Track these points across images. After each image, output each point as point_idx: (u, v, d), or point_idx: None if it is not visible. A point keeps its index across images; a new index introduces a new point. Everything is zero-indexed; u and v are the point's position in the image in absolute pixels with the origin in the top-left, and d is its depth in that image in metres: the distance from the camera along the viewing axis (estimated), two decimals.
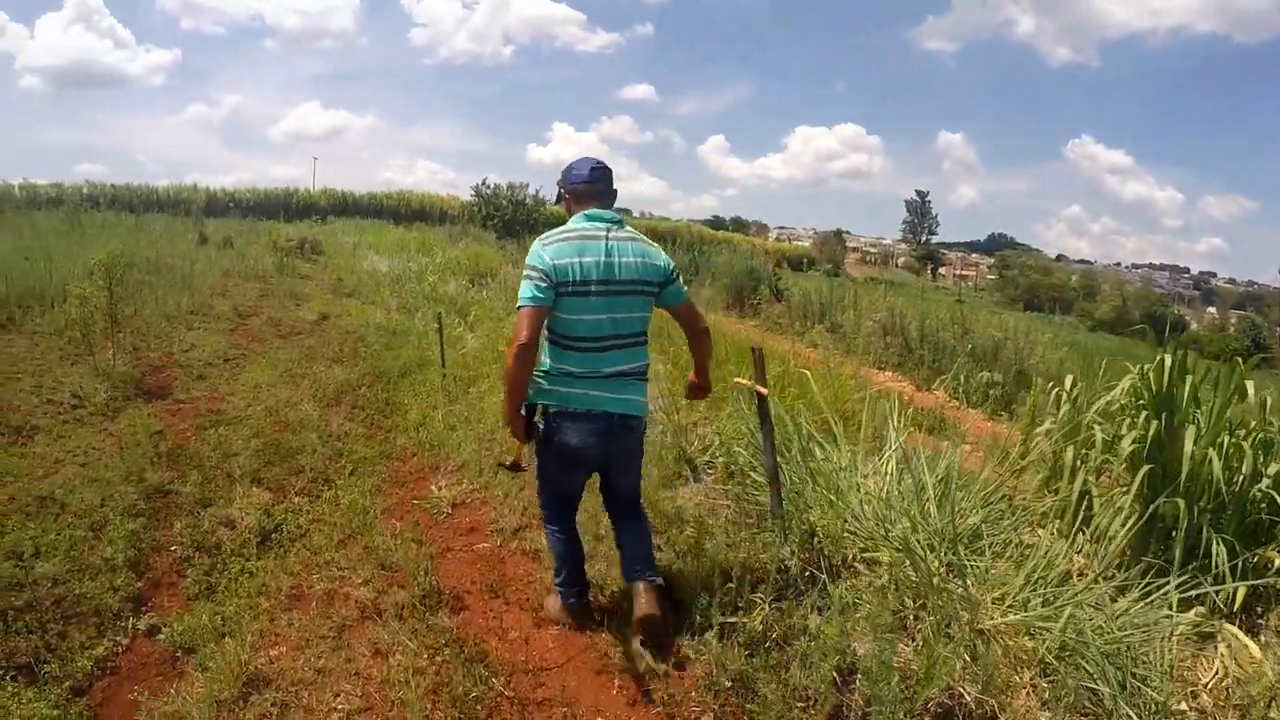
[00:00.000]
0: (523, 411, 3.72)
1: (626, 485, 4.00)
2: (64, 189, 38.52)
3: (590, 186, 3.66)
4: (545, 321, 3.52)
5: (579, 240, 3.48)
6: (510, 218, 34.12)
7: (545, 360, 3.65)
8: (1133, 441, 5.27)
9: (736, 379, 5.18)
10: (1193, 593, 4.52)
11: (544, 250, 3.50)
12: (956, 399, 12.41)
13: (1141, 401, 5.59)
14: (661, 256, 3.61)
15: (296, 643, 4.61)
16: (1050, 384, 7.61)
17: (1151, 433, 5.19)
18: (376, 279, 17.98)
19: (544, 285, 3.42)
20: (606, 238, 3.49)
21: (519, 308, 3.51)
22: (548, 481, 3.98)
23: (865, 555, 4.62)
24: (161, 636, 4.77)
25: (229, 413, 9.25)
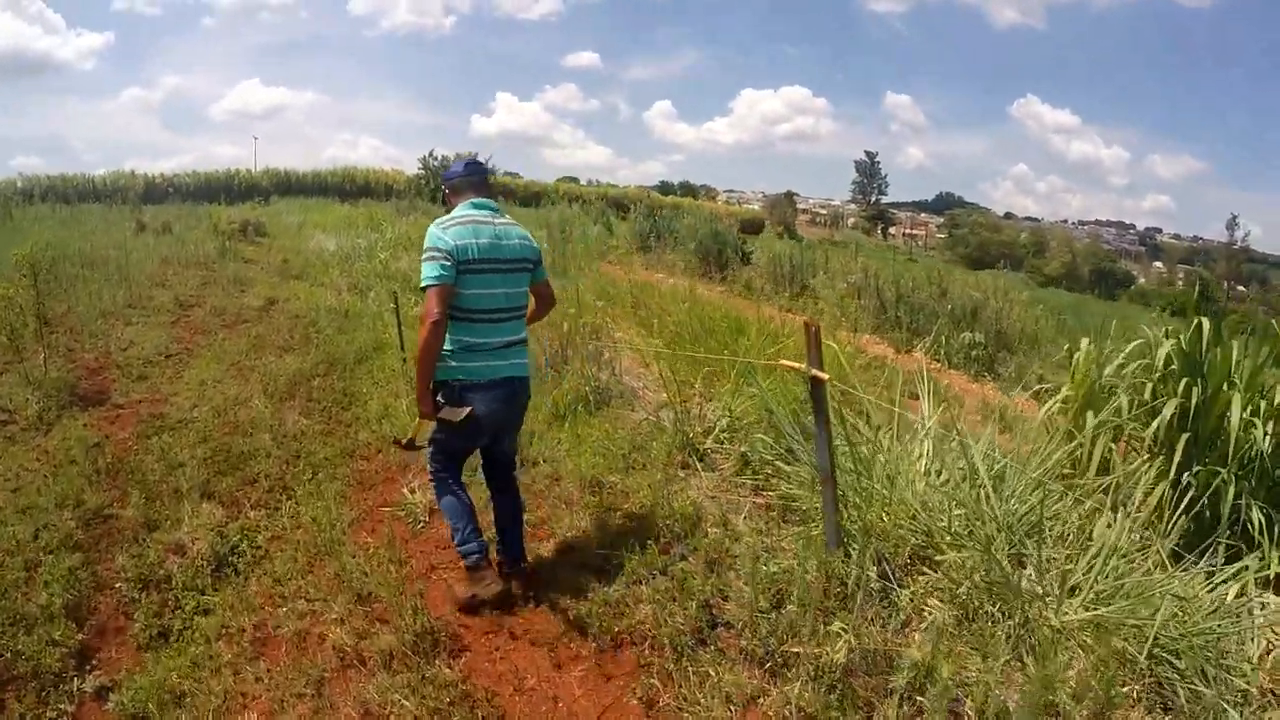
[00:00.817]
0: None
1: (508, 451, 4.29)
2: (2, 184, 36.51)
3: (468, 180, 4.05)
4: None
5: (473, 224, 3.78)
6: None
7: (447, 337, 3.81)
8: (1174, 410, 4.75)
9: (786, 361, 4.40)
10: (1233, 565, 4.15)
11: (444, 233, 3.74)
12: (938, 361, 11.83)
13: (1172, 368, 5.08)
14: (533, 241, 4.01)
15: (269, 705, 3.88)
16: (1036, 346, 7.10)
17: (1194, 400, 4.67)
18: (324, 259, 16.91)
19: (448, 264, 3.66)
20: (494, 223, 3.84)
21: (425, 287, 3.72)
22: (448, 450, 4.17)
23: (923, 553, 3.98)
24: (110, 704, 4.02)
25: (173, 416, 8.38)
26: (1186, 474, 4.61)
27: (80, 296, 12.91)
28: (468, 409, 3.85)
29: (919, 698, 3.23)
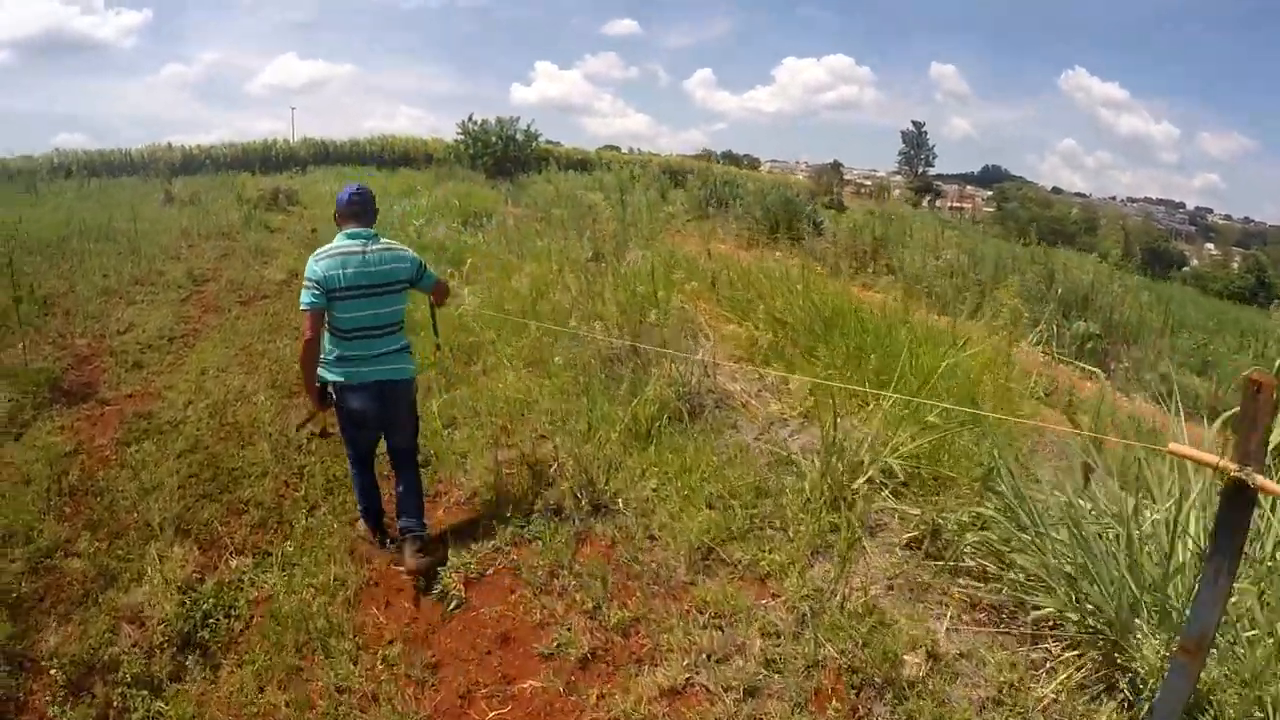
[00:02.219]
0: (319, 384, 4.23)
1: (401, 442, 4.50)
2: (34, 159, 35.29)
3: (349, 210, 4.22)
4: (325, 319, 4.08)
5: (341, 255, 4.04)
6: (501, 155, 30.23)
7: (329, 347, 4.16)
8: None
9: (1175, 446, 2.38)
10: None
11: (316, 265, 4.03)
12: (1049, 355, 9.82)
13: None
14: (408, 259, 4.27)
15: None
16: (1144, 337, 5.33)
17: None
18: None
19: (318, 292, 3.98)
20: (364, 252, 4.08)
21: (302, 309, 4.05)
22: (348, 438, 4.50)
23: None
24: None
25: (162, 416, 6.84)
26: None
27: (85, 274, 11.41)
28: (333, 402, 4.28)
29: None
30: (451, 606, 3.93)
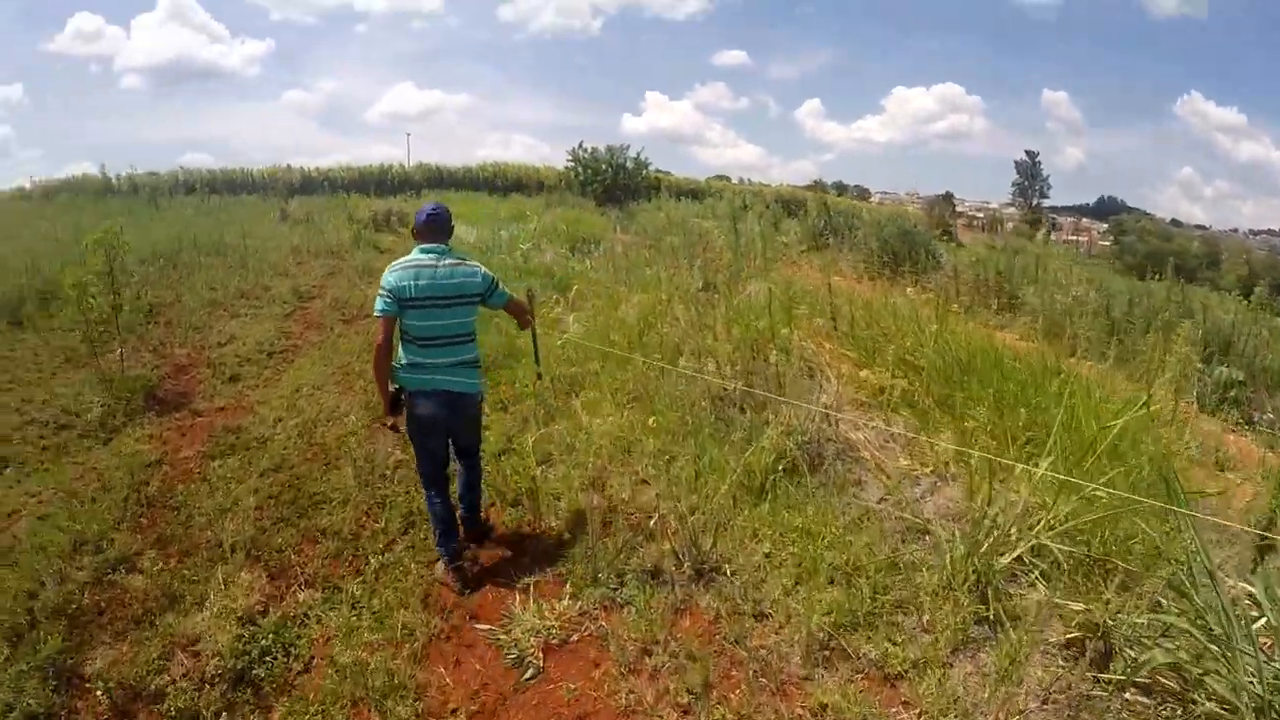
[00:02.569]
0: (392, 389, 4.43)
1: (469, 443, 4.68)
2: (160, 177, 37.23)
3: (425, 226, 4.44)
4: (398, 326, 4.29)
5: (415, 268, 4.27)
6: (611, 182, 30.33)
7: (402, 354, 4.38)
8: None
9: None
10: None
11: (390, 275, 4.27)
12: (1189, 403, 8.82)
13: None
14: (479, 275, 4.41)
15: None
16: None
17: None
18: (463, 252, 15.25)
19: (390, 300, 4.21)
20: (436, 265, 4.28)
21: (375, 315, 4.26)
22: (416, 446, 4.52)
23: None
24: None
25: (251, 431, 6.77)
26: None
27: (191, 285, 11.69)
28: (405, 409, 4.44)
29: None
30: (527, 675, 3.52)
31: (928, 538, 4.06)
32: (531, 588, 4.10)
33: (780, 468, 4.64)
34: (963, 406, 5.19)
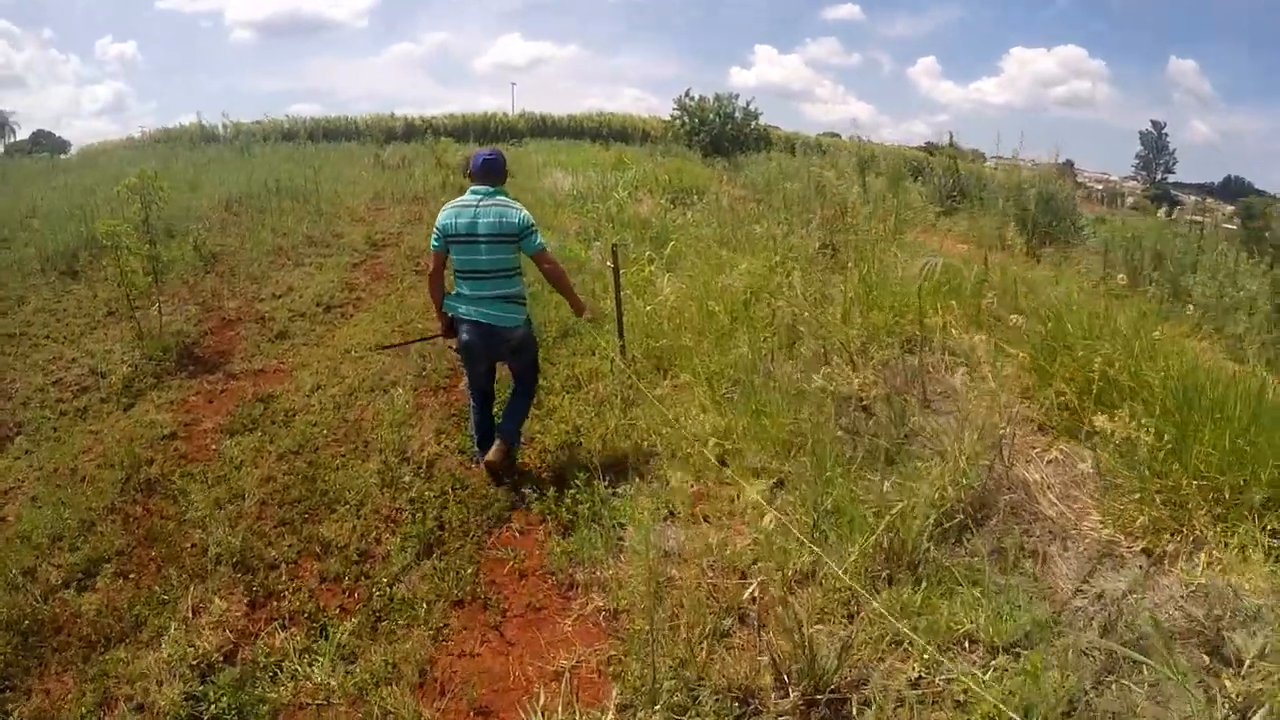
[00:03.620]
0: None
1: (518, 369, 4.86)
2: (262, 125, 37.65)
3: (478, 169, 4.71)
4: (446, 260, 4.67)
5: (459, 207, 4.60)
6: (718, 133, 28.46)
7: (452, 284, 4.71)
8: None
9: None
10: None
11: (442, 214, 4.63)
12: None
13: None
14: (515, 216, 4.57)
15: None
16: None
17: None
18: (557, 199, 14.03)
19: (438, 236, 4.60)
20: (478, 205, 4.55)
21: (431, 250, 4.71)
22: (465, 367, 4.90)
23: None
24: None
25: (282, 401, 6.00)
26: None
27: (256, 231, 10.88)
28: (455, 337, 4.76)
29: None
30: None
31: (1156, 659, 2.70)
32: (566, 678, 2.95)
33: (936, 525, 3.34)
34: (1176, 452, 3.75)
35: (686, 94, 30.31)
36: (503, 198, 4.64)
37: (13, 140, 46.88)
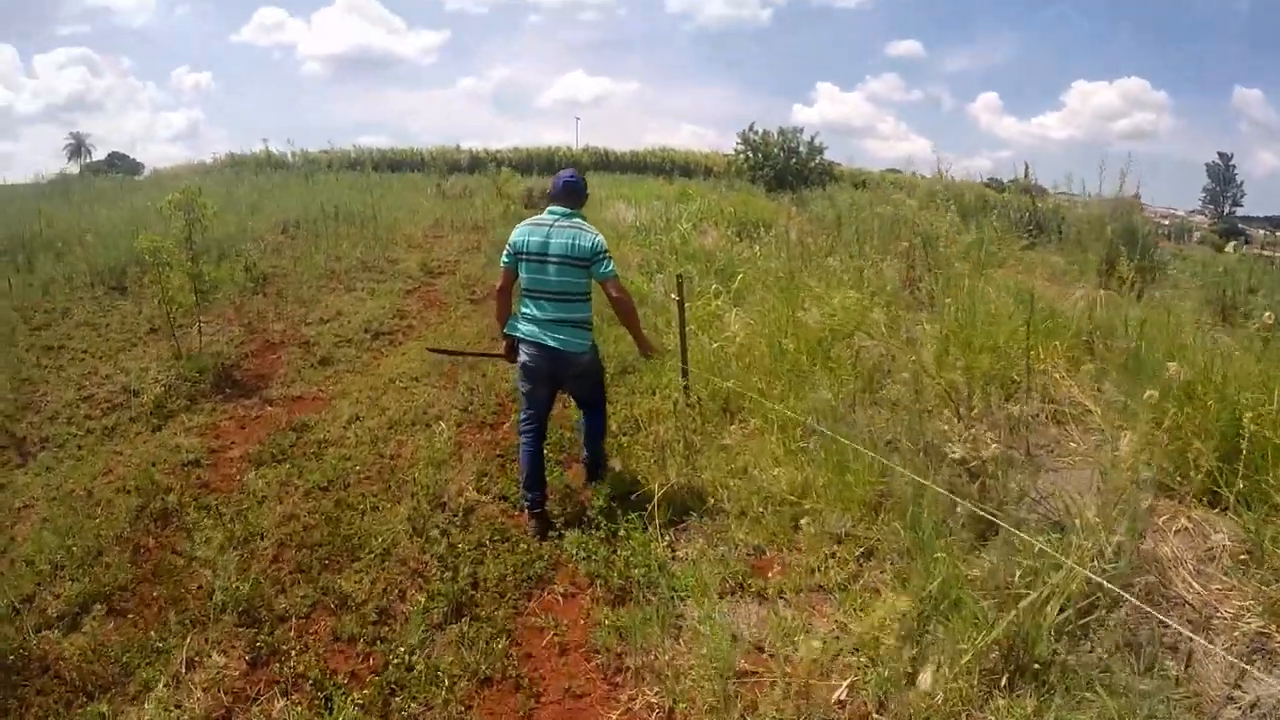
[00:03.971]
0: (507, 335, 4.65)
1: (584, 397, 4.75)
2: (334, 154, 38.30)
3: (557, 190, 4.64)
4: (515, 278, 4.56)
5: (534, 225, 4.50)
6: (783, 168, 27.96)
7: (519, 306, 4.58)
8: None
9: None
10: None
11: (515, 231, 4.57)
12: None
13: None
14: (589, 240, 4.42)
15: None
16: None
17: None
18: (619, 230, 13.61)
19: (510, 253, 4.53)
20: (552, 225, 4.44)
21: (502, 266, 4.63)
22: (522, 392, 4.64)
23: None
24: None
25: (316, 431, 5.64)
26: None
27: (310, 254, 10.67)
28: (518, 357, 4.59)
29: None
30: None
31: None
32: None
33: (1061, 616, 2.75)
34: None
35: (751, 128, 29.99)
36: (579, 220, 4.53)
37: (89, 160, 48.55)
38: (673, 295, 5.58)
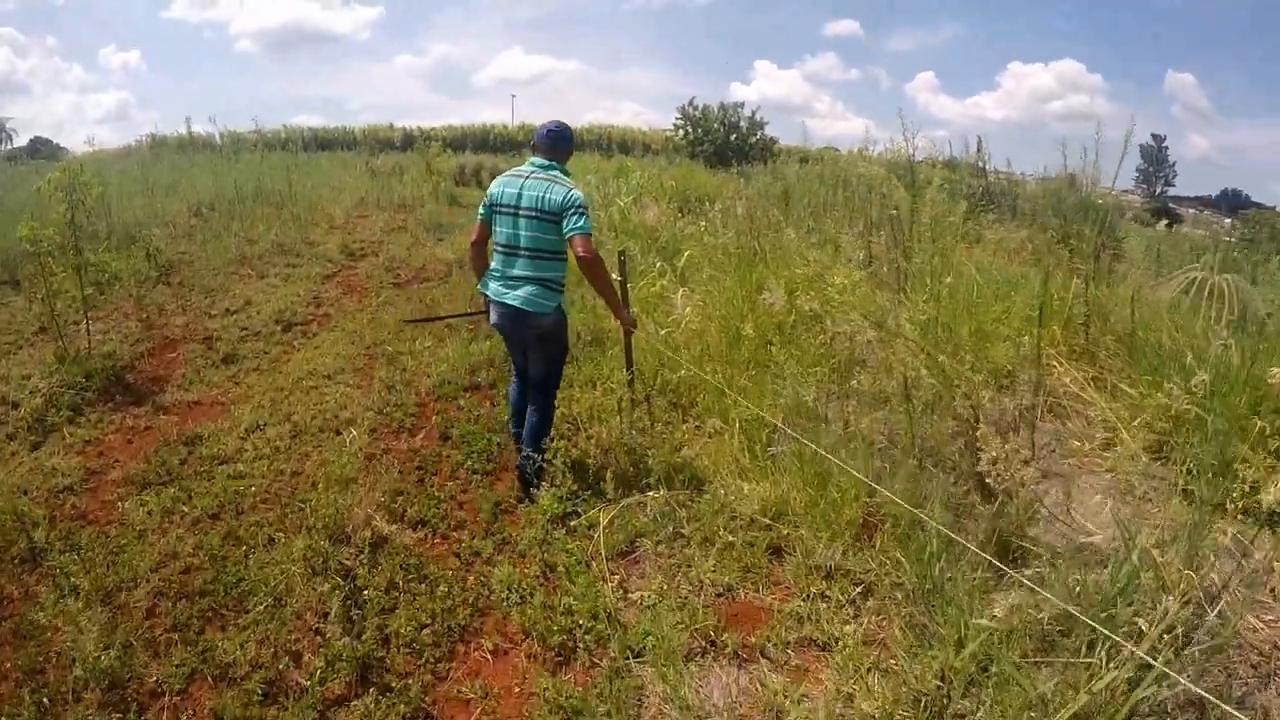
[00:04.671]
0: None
1: (535, 372, 4.38)
2: (262, 134, 36.85)
3: (540, 141, 4.36)
4: (488, 232, 4.35)
5: (510, 176, 4.29)
6: (723, 143, 27.82)
7: (491, 261, 4.42)
8: None
9: None
10: None
11: (494, 182, 4.38)
12: None
13: None
14: (560, 194, 4.08)
15: None
16: None
17: None
18: None
19: (485, 204, 4.33)
20: (528, 176, 4.20)
21: (477, 218, 4.44)
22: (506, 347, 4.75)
23: None
24: None
25: (211, 444, 4.92)
26: None
27: (220, 238, 9.81)
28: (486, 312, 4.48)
29: None
30: None
31: None
32: None
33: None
34: None
35: (690, 103, 29.44)
36: (556, 173, 4.25)
37: (9, 147, 46.11)
38: (614, 276, 5.00)
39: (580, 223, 4.07)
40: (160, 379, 6.07)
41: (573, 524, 3.53)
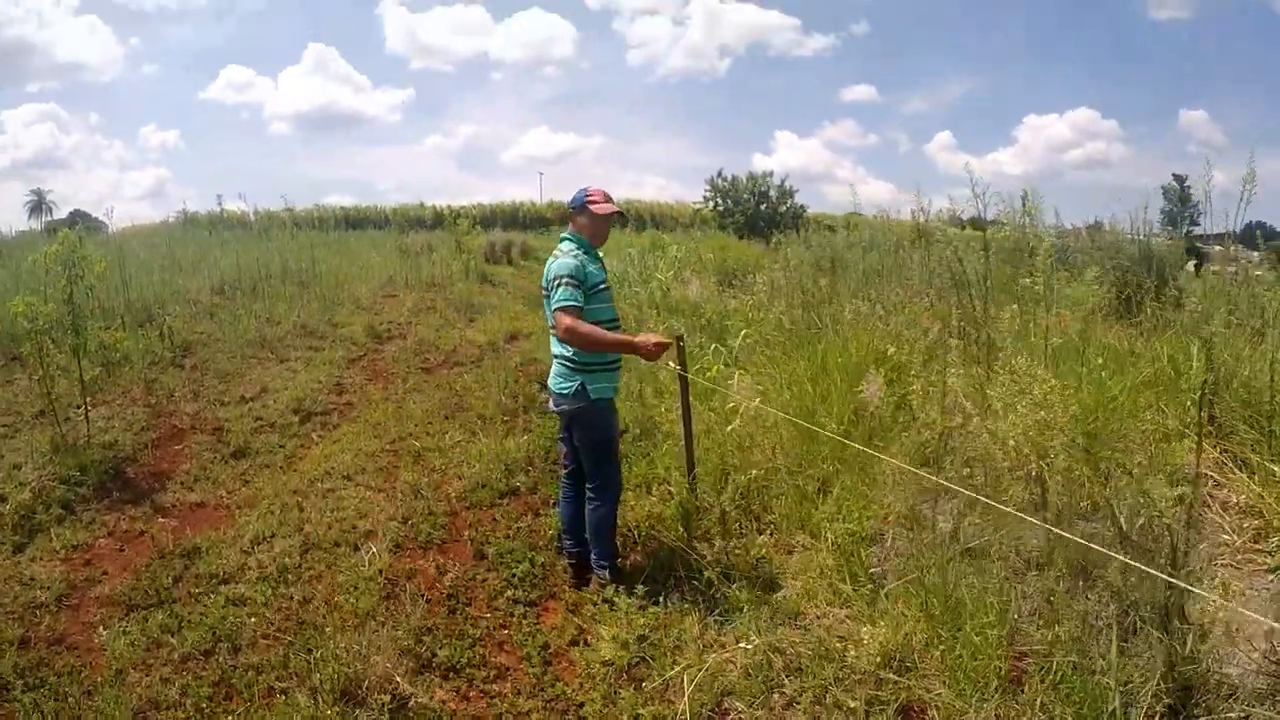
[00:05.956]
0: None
1: (582, 459, 4.05)
2: (295, 213, 37.20)
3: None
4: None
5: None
6: (753, 213, 27.73)
7: None
8: None
9: None
10: None
11: None
12: None
13: None
14: (551, 266, 3.93)
15: None
16: None
17: None
18: None
19: None
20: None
21: None
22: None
23: None
24: None
25: (210, 559, 4.29)
26: None
27: (239, 319, 9.33)
28: None
29: None
30: None
31: None
32: None
33: None
34: None
35: (719, 175, 29.47)
36: (562, 243, 4.04)
37: (50, 219, 46.97)
38: (670, 364, 4.39)
39: (564, 295, 3.80)
40: (163, 474, 5.49)
41: (641, 677, 2.84)
